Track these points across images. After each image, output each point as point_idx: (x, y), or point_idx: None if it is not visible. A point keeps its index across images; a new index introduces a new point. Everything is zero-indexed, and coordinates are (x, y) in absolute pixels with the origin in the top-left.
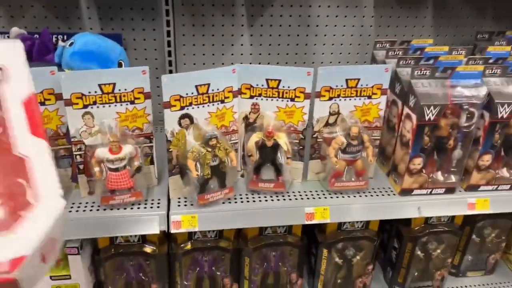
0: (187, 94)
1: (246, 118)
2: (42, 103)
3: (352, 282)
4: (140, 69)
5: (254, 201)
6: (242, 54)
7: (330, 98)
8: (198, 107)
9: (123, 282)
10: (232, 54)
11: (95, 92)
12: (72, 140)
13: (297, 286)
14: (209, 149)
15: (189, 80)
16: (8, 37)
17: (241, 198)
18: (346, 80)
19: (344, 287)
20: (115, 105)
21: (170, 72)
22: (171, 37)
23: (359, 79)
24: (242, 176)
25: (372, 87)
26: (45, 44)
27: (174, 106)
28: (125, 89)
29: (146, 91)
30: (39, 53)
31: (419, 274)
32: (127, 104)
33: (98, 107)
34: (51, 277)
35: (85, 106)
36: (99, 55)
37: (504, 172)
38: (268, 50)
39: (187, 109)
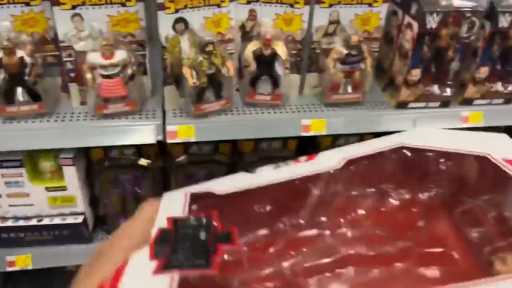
0: None
1: (242, 27)
2: (27, 4)
3: None
4: None
5: (250, 113)
6: None
7: (331, 5)
8: (193, 10)
9: (118, 196)
10: None
11: None
12: (61, 45)
13: None
14: (206, 56)
15: None
16: None
17: (238, 111)
18: None
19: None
20: (106, 7)
21: None
22: None
23: None
24: (237, 90)
25: None
26: None
27: (169, 8)
28: None
29: None
30: None
31: None
32: (118, 7)
33: (87, 8)
34: (46, 188)
35: (73, 7)
36: None
37: (499, 86)
38: None
39: (182, 12)
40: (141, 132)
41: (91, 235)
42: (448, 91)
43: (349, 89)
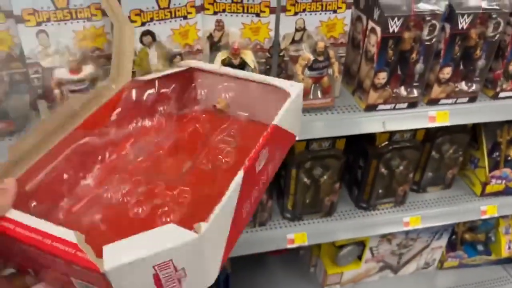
0: (147, 8)
1: (210, 37)
2: None
3: (320, 201)
4: None
5: None
6: None
7: (296, 13)
8: (160, 23)
9: None
10: None
11: (48, 7)
12: (28, 62)
13: (267, 207)
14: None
15: None
16: None
17: None
18: None
19: (313, 206)
20: (71, 23)
21: None
22: None
23: None
24: None
25: (338, 0)
26: None
27: (135, 22)
28: (81, 4)
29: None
30: None
31: (383, 191)
32: (84, 22)
33: (52, 24)
34: None
35: (38, 24)
36: None
37: (463, 85)
38: None
39: (149, 25)
40: None
41: None
42: (415, 92)
43: (319, 94)
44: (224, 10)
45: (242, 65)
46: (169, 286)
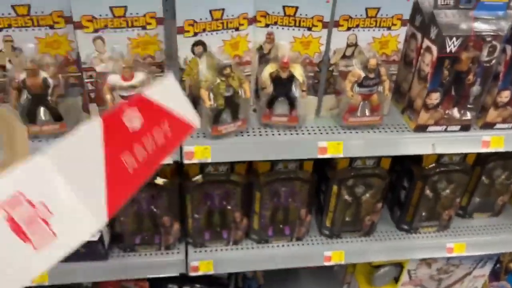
0: (201, 19)
1: (260, 49)
2: (51, 27)
3: (360, 220)
4: None
5: (267, 134)
6: None
7: (349, 28)
8: (211, 34)
9: (134, 213)
10: None
11: (106, 15)
12: (83, 66)
13: (305, 223)
14: (223, 79)
15: (203, 4)
16: None
17: (254, 132)
18: (366, 9)
19: (352, 225)
20: (127, 30)
21: None
22: None
23: (379, 8)
24: (254, 111)
25: (392, 17)
26: None
27: (188, 31)
28: (137, 13)
29: (158, 16)
30: None
31: (427, 214)
32: (138, 30)
33: (109, 31)
34: None
35: (95, 30)
36: None
37: None
38: None
39: (201, 35)
40: None
41: (107, 252)
42: (469, 115)
43: (367, 111)
44: (276, 23)
45: (290, 79)
46: (34, 230)
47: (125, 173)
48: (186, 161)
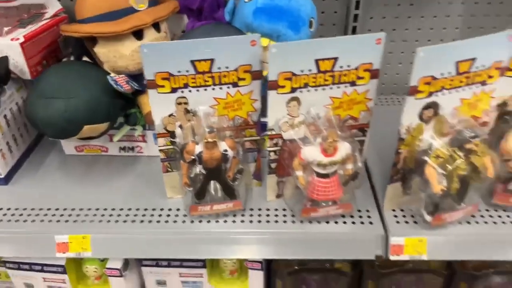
0: (442, 74)
1: (503, 105)
2: (235, 84)
3: None
4: (373, 36)
5: (503, 222)
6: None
7: None
8: (450, 92)
9: None
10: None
11: (309, 70)
12: (270, 133)
13: None
14: (463, 154)
15: (446, 54)
16: None
17: (484, 219)
18: None
19: None
20: (331, 88)
21: None
22: None
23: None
24: None
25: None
26: None
27: (422, 92)
28: (348, 66)
29: (374, 68)
30: (210, 9)
31: None
32: (345, 87)
33: (309, 90)
34: None
35: (293, 90)
36: (289, 12)
37: None
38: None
39: (436, 95)
40: (358, 244)
41: None
42: None
43: None
44: None
45: None
46: None
47: None
48: (392, 257)
